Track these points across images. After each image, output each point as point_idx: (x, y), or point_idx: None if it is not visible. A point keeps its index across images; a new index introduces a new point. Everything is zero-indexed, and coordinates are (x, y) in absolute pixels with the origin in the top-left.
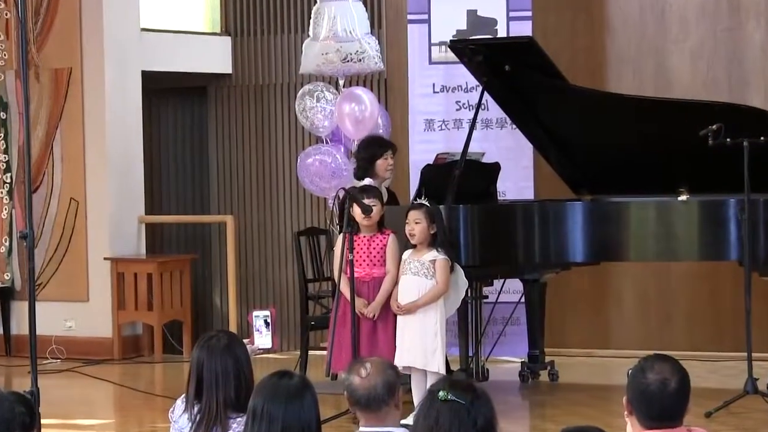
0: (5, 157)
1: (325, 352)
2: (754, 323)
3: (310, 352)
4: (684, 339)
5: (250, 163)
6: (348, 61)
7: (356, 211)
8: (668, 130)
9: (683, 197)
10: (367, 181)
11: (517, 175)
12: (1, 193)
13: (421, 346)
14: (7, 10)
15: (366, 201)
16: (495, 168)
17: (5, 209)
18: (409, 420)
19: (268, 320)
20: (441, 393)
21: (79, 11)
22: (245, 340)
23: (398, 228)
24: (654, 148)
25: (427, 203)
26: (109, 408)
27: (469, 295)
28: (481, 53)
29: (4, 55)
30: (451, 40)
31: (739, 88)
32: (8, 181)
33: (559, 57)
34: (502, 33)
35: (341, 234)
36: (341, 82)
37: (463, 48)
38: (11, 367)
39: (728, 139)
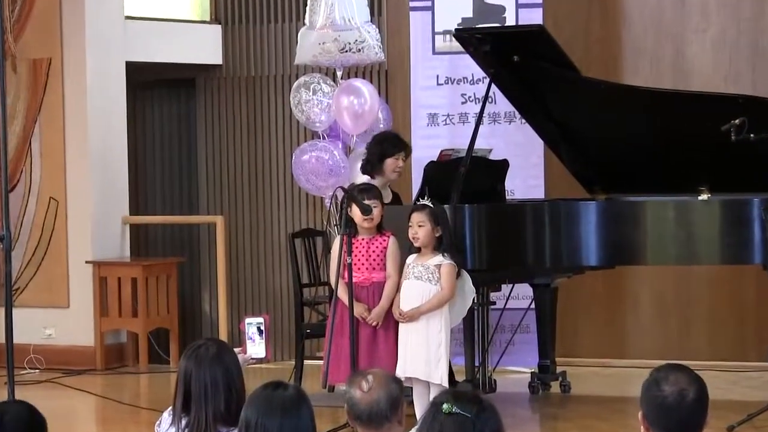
0: None
1: (321, 362)
2: None
3: (306, 362)
4: (705, 348)
5: (242, 160)
6: (346, 51)
7: (355, 212)
8: (687, 124)
9: (704, 196)
10: (366, 179)
11: (527, 172)
12: None
13: (424, 356)
14: None
15: (366, 201)
16: (503, 165)
17: None
18: None
19: (262, 328)
20: (445, 405)
21: None
22: (237, 349)
23: (400, 229)
24: (672, 143)
25: (430, 203)
26: (91, 421)
27: (475, 301)
28: (488, 43)
29: None
30: (456, 29)
31: (764, 81)
32: None
33: (572, 47)
34: (510, 21)
35: (339, 236)
36: (339, 74)
37: (469, 37)
38: None
39: (752, 135)
